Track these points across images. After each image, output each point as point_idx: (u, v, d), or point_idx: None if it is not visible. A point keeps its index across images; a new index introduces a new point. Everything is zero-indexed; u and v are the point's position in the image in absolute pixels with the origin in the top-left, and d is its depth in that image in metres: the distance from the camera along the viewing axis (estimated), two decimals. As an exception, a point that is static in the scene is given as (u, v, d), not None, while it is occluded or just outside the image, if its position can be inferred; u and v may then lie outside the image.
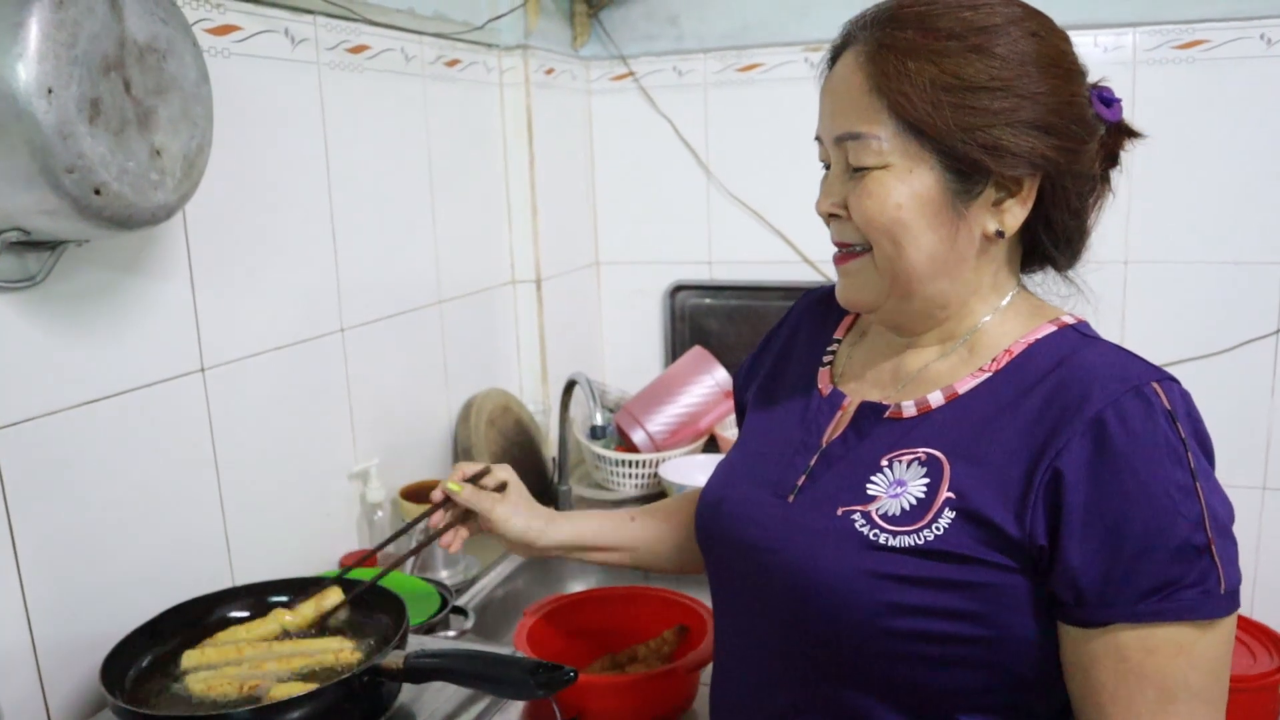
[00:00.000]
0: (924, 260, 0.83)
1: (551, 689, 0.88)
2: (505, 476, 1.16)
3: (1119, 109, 0.87)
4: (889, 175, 0.82)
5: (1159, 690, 0.74)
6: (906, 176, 0.82)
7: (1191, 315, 1.90)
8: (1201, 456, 0.76)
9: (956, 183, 0.82)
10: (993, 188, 0.82)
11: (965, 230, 0.83)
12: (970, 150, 0.80)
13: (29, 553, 1.03)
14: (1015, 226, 0.84)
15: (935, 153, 0.81)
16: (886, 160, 0.82)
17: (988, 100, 0.79)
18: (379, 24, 1.57)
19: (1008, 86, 0.80)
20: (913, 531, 0.80)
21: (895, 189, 0.82)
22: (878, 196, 0.82)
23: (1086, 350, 0.82)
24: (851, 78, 0.84)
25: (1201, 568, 0.73)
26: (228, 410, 1.29)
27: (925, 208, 0.82)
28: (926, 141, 0.81)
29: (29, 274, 1.02)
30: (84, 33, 0.90)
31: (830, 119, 0.87)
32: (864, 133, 0.82)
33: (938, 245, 0.83)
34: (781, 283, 2.16)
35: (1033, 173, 0.82)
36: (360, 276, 1.55)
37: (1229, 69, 1.80)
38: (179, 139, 1.03)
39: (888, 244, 0.83)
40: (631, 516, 1.18)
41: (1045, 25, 0.84)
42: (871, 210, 0.83)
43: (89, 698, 1.09)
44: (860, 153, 0.83)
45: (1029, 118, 0.80)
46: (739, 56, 2.12)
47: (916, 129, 0.80)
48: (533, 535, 1.12)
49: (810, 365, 1.00)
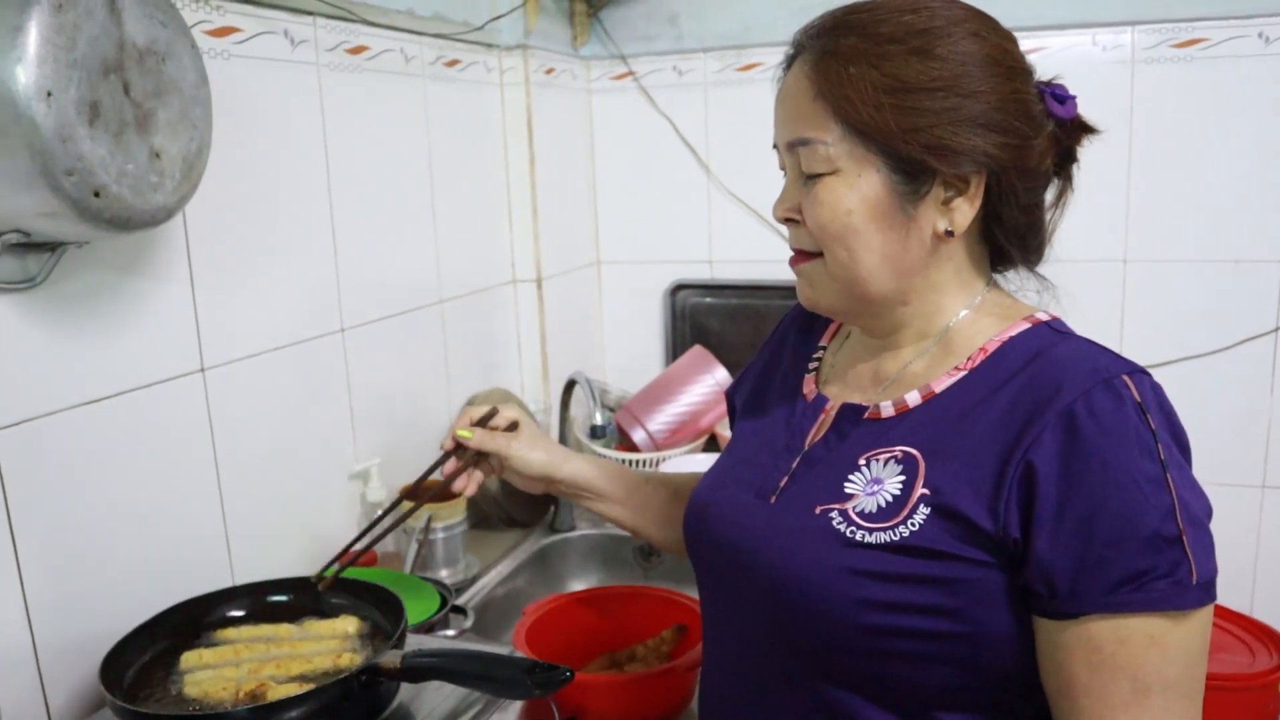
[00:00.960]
0: (877, 263, 0.85)
1: (548, 689, 0.88)
2: (514, 415, 1.18)
3: (1073, 105, 0.87)
4: (838, 181, 0.84)
5: (1133, 682, 0.74)
6: (855, 181, 0.83)
7: (1190, 314, 1.90)
8: (1174, 448, 0.77)
9: (904, 184, 0.83)
10: (940, 187, 0.84)
11: (916, 231, 0.85)
12: (914, 150, 0.81)
13: (29, 552, 1.04)
14: (964, 224, 0.85)
15: (881, 155, 0.82)
16: (835, 165, 0.84)
17: (928, 100, 0.81)
18: (378, 25, 1.58)
19: (948, 87, 0.81)
20: (889, 528, 0.80)
21: (845, 195, 0.84)
22: (829, 204, 0.84)
23: (1059, 345, 0.83)
24: (799, 85, 0.86)
25: (1172, 558, 0.73)
26: (228, 410, 1.29)
27: (875, 211, 0.84)
28: (872, 144, 0.82)
29: (29, 275, 1.02)
30: (83, 36, 0.90)
31: (782, 126, 0.89)
32: (812, 138, 0.84)
33: (889, 247, 0.85)
34: (782, 282, 2.16)
35: (978, 170, 0.83)
36: (361, 276, 1.56)
37: (1227, 67, 1.80)
38: (178, 141, 1.03)
39: (841, 250, 0.85)
40: (647, 479, 1.20)
41: (987, 25, 0.85)
42: (824, 217, 0.85)
43: (89, 696, 1.10)
44: (810, 158, 0.85)
45: (971, 116, 0.81)
46: (739, 56, 2.12)
47: (861, 132, 0.82)
48: (552, 468, 1.15)
49: (796, 372, 1.02)
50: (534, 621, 1.34)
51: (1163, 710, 0.75)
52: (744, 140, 2.15)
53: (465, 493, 1.16)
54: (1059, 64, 0.88)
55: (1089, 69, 1.87)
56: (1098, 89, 1.84)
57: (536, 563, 1.79)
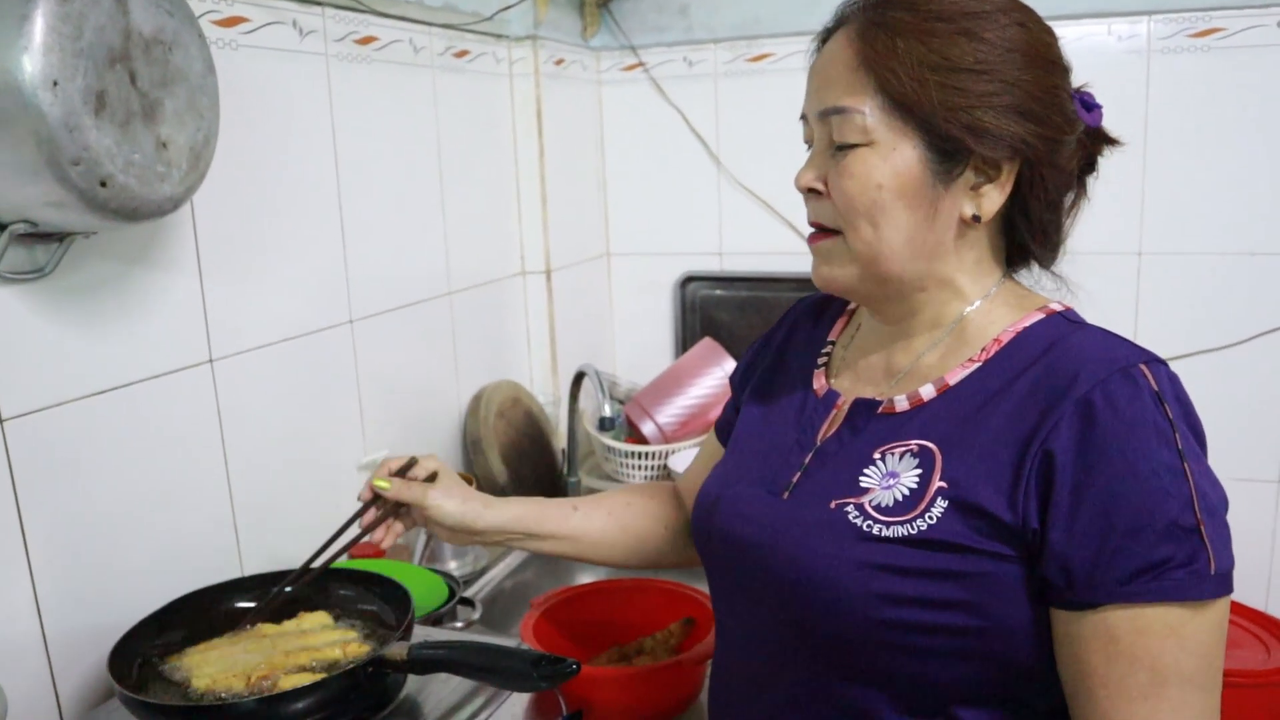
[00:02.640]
0: (901, 242, 0.84)
1: (554, 681, 0.88)
2: (434, 466, 1.13)
3: (1099, 115, 0.88)
4: (872, 154, 0.83)
5: (1150, 673, 0.73)
6: (889, 154, 0.83)
7: (1206, 307, 1.88)
8: (1191, 438, 0.76)
9: (937, 163, 0.82)
10: (971, 171, 0.83)
11: (943, 213, 0.84)
12: (953, 129, 0.81)
13: (39, 543, 1.04)
14: (992, 212, 0.84)
15: (918, 130, 0.82)
16: (871, 137, 0.83)
17: (972, 82, 0.81)
18: (387, 15, 1.57)
19: (992, 71, 0.81)
20: (906, 522, 0.80)
21: (877, 168, 0.83)
22: (859, 175, 0.83)
23: (1074, 335, 0.83)
24: (841, 54, 0.85)
25: (1190, 548, 0.73)
26: (236, 402, 1.29)
27: (905, 188, 0.83)
28: (910, 118, 0.82)
29: (37, 266, 1.02)
30: (89, 25, 0.90)
31: (816, 94, 0.87)
32: (849, 107, 0.83)
33: (915, 227, 0.84)
34: (792, 274, 2.16)
35: (1012, 157, 0.82)
36: (369, 268, 1.56)
37: (1244, 57, 1.78)
38: (185, 131, 1.03)
39: (865, 225, 0.84)
40: (574, 506, 1.15)
41: (1032, 17, 0.85)
42: (852, 190, 0.84)
43: (98, 686, 1.10)
44: (844, 128, 0.84)
45: (1012, 103, 0.81)
46: (749, 47, 2.11)
47: (902, 105, 0.82)
48: (470, 518, 1.08)
49: (806, 366, 1.01)
50: (541, 614, 1.34)
51: (1180, 702, 0.74)
52: (754, 132, 2.14)
53: (383, 544, 1.11)
54: (1074, 54, 0.86)
55: (1105, 59, 1.85)
56: (1113, 79, 1.82)
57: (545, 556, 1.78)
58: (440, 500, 1.08)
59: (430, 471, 1.12)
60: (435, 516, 1.09)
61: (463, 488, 1.12)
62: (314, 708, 0.90)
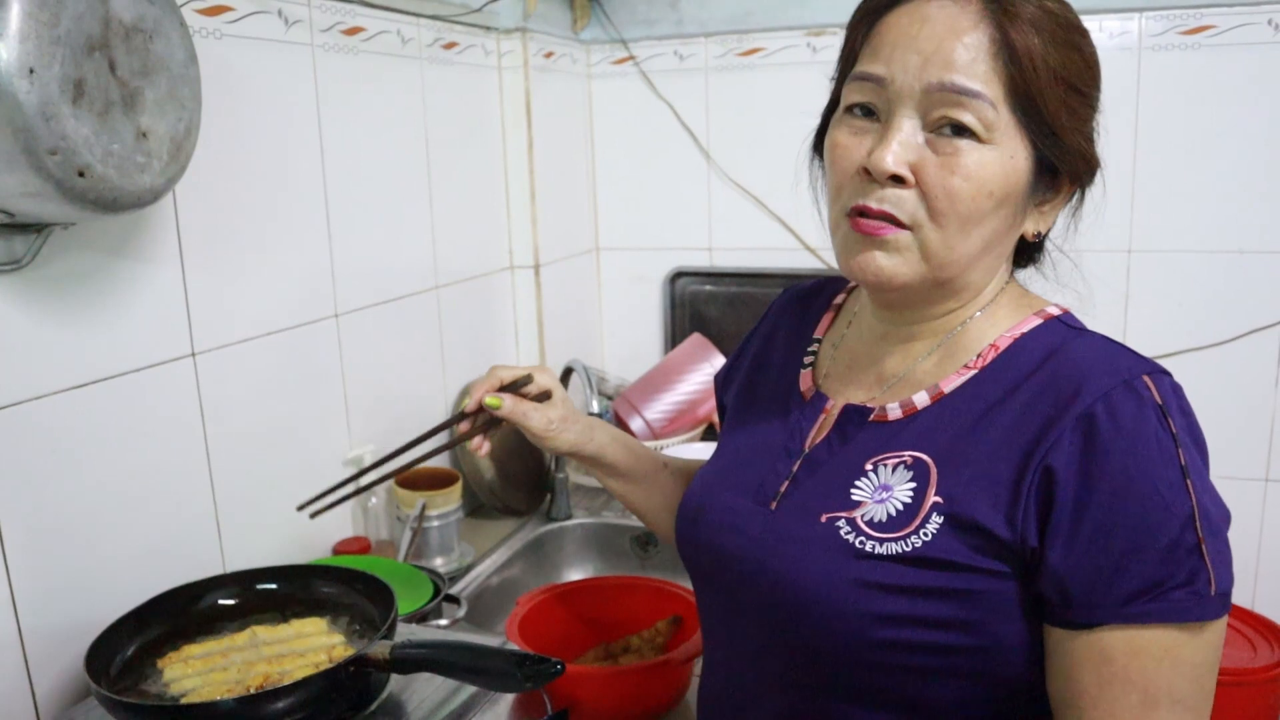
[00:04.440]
0: (979, 251, 0.80)
1: (538, 681, 0.87)
2: (548, 384, 1.07)
3: None
4: (992, 154, 0.76)
5: (1142, 694, 0.72)
6: (1006, 160, 0.76)
7: (1195, 305, 1.88)
8: (1194, 452, 0.74)
9: (1036, 178, 0.79)
10: (1050, 189, 0.82)
11: (1018, 228, 0.82)
12: (1067, 149, 0.78)
13: (16, 538, 1.02)
14: (1048, 230, 0.84)
15: (1031, 140, 0.77)
16: (992, 135, 0.75)
17: (1079, 102, 0.78)
18: (375, 5, 1.55)
19: (1089, 94, 0.79)
20: (900, 538, 0.77)
21: (995, 173, 0.76)
22: (976, 178, 0.75)
23: (1075, 343, 0.80)
24: (969, 33, 0.75)
25: (1191, 567, 0.71)
26: (219, 395, 1.28)
27: (1009, 198, 0.78)
28: (1034, 127, 0.76)
29: (15, 257, 1.00)
30: (67, 12, 0.88)
31: (926, 65, 0.75)
32: (982, 93, 0.74)
33: (997, 238, 0.80)
34: (782, 270, 2.15)
35: (1084, 181, 0.82)
36: (355, 261, 1.54)
37: (1235, 55, 1.77)
38: (166, 121, 1.01)
39: (956, 229, 0.77)
40: (665, 464, 1.13)
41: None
42: (964, 191, 0.75)
43: (76, 684, 1.09)
44: (966, 114, 0.74)
45: (1091, 128, 0.80)
46: (740, 41, 2.09)
47: (1033, 112, 0.75)
48: (580, 445, 1.06)
49: (791, 367, 0.97)
50: (527, 612, 1.32)
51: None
52: (745, 126, 2.13)
53: (480, 453, 1.07)
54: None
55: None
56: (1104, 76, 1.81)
57: (532, 552, 1.77)
58: (559, 429, 1.04)
59: (543, 389, 1.06)
60: (550, 444, 1.05)
61: (575, 414, 1.07)
62: (294, 707, 0.89)
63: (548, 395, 1.06)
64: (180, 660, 0.99)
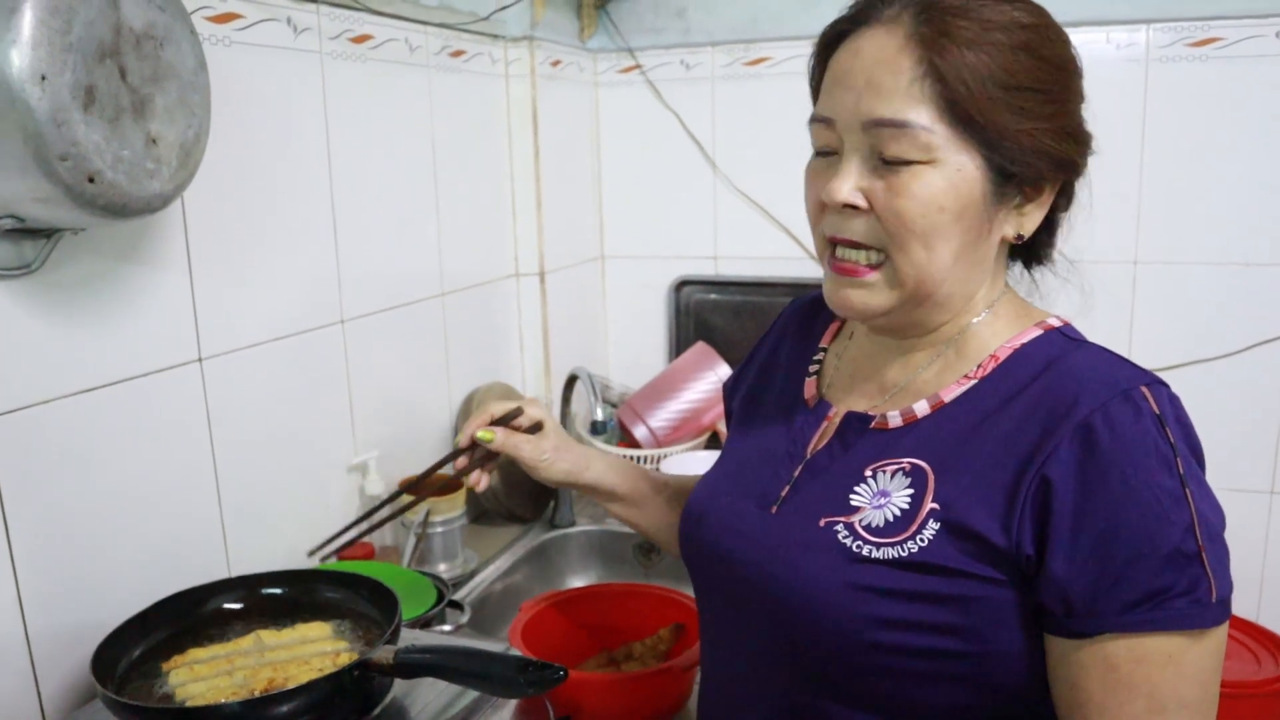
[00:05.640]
0: (950, 265, 0.80)
1: (541, 687, 0.87)
2: (539, 415, 1.11)
3: None
4: (933, 172, 0.77)
5: (1148, 701, 0.72)
6: (953, 175, 0.77)
7: (1201, 317, 1.87)
8: (1192, 461, 0.75)
9: (996, 184, 0.79)
10: (1018, 191, 0.81)
11: (992, 234, 0.82)
12: (1019, 152, 0.77)
13: (23, 541, 1.03)
14: (1032, 230, 0.83)
15: (981, 151, 0.77)
16: (933, 155, 0.77)
17: (1034, 102, 0.77)
18: (383, 13, 1.56)
19: (1049, 90, 0.78)
20: (896, 543, 0.78)
21: (940, 189, 0.77)
22: (921, 198, 0.77)
23: (1073, 354, 0.81)
24: (894, 59, 0.77)
25: (1192, 575, 0.72)
26: (226, 401, 1.28)
27: (966, 209, 0.78)
28: (976, 138, 0.77)
29: (25, 262, 1.01)
30: (79, 19, 0.89)
31: (860, 101, 0.78)
32: (910, 121, 0.76)
33: (964, 249, 0.80)
34: (787, 279, 2.15)
35: (1060, 178, 0.81)
36: (362, 268, 1.55)
37: (1243, 67, 1.78)
38: (175, 127, 1.02)
39: (919, 248, 0.79)
40: (666, 483, 1.15)
41: (1062, 31, 0.82)
42: (911, 211, 0.78)
43: (81, 687, 1.09)
44: (901, 142, 0.77)
45: (1064, 125, 0.79)
46: (747, 50, 2.10)
47: (970, 124, 0.76)
48: (575, 475, 1.10)
49: (796, 375, 0.99)
50: (530, 618, 1.33)
51: None
52: (751, 136, 2.14)
53: (479, 488, 1.11)
54: (1071, 62, 0.87)
55: (1103, 67, 1.84)
56: (1112, 88, 1.81)
57: (535, 558, 1.78)
58: (551, 460, 1.08)
59: (534, 421, 1.10)
60: (542, 475, 1.09)
61: (566, 442, 1.11)
62: (298, 711, 0.89)
63: (539, 427, 1.11)
64: (185, 664, 0.99)
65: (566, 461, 1.09)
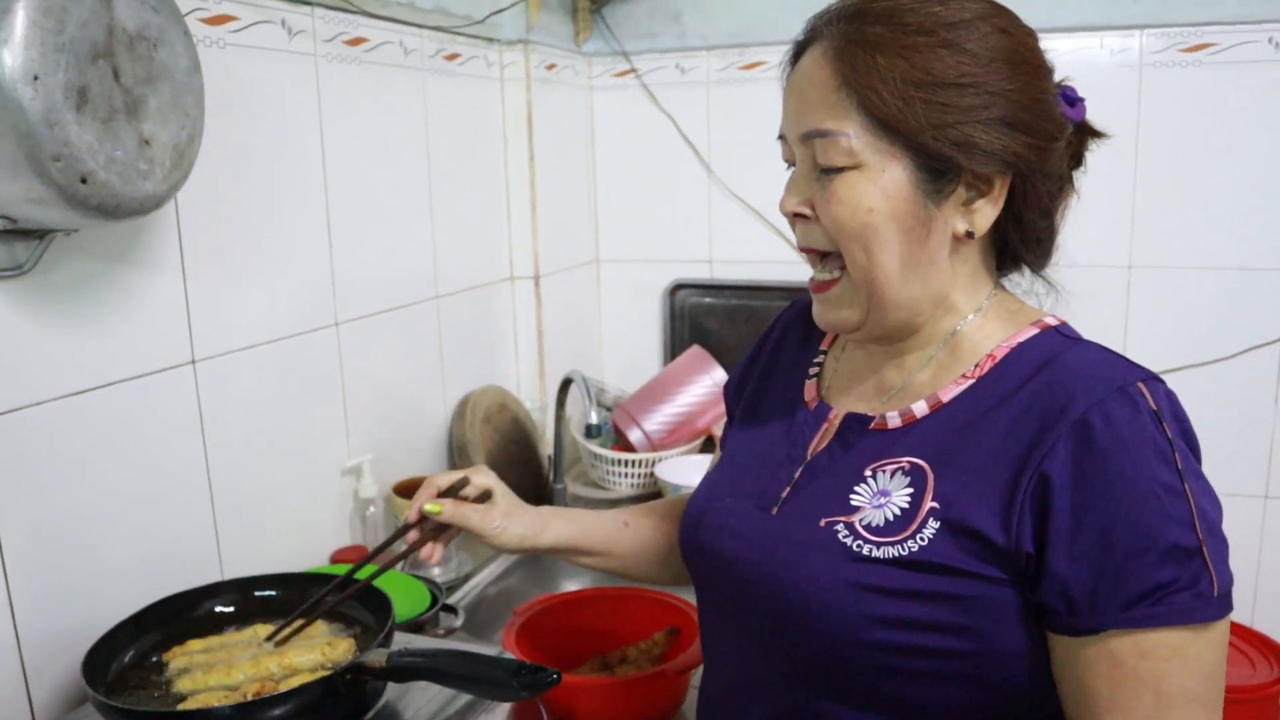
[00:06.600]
0: (895, 266, 0.82)
1: (535, 690, 0.87)
2: (487, 483, 1.08)
3: (1083, 108, 0.86)
4: (860, 177, 0.80)
5: (1156, 696, 0.73)
6: (878, 177, 0.80)
7: (1195, 321, 1.88)
8: (1189, 456, 0.75)
9: (928, 182, 0.80)
10: (963, 187, 0.81)
11: (936, 232, 0.82)
12: (942, 147, 0.78)
13: (14, 543, 1.02)
14: (985, 227, 0.83)
15: (907, 151, 0.79)
16: (858, 159, 0.80)
17: (958, 96, 0.78)
18: (378, 16, 1.56)
19: (978, 83, 0.78)
20: (896, 542, 0.78)
21: (866, 192, 0.80)
22: (848, 202, 0.81)
23: (1070, 352, 0.81)
24: (818, 74, 0.82)
25: (1193, 569, 0.72)
26: (219, 403, 1.28)
27: (897, 210, 0.80)
28: (898, 139, 0.79)
29: (17, 263, 1.01)
30: (72, 20, 0.89)
31: (796, 116, 0.85)
32: (833, 130, 0.80)
33: (909, 249, 0.82)
34: (782, 282, 2.15)
35: (1004, 171, 0.81)
36: (356, 271, 1.54)
37: (1236, 73, 1.78)
38: (169, 128, 1.02)
39: (859, 250, 0.82)
40: (625, 522, 1.12)
41: (1013, 22, 0.83)
42: (842, 215, 0.81)
43: (73, 691, 1.08)
44: (829, 151, 0.81)
45: (1000, 115, 0.79)
46: (742, 54, 2.10)
47: (887, 126, 0.79)
48: (532, 540, 1.06)
49: (796, 378, 0.99)
50: (524, 622, 1.32)
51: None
52: (746, 139, 2.14)
53: (432, 561, 1.08)
54: (1066, 67, 0.85)
55: (1096, 72, 1.85)
56: (1105, 93, 1.79)
57: (529, 562, 1.77)
58: (502, 526, 1.04)
59: (483, 489, 1.07)
60: (496, 542, 1.05)
61: (519, 507, 1.07)
62: (291, 714, 0.89)
63: (488, 495, 1.08)
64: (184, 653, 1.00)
65: (520, 527, 1.05)
